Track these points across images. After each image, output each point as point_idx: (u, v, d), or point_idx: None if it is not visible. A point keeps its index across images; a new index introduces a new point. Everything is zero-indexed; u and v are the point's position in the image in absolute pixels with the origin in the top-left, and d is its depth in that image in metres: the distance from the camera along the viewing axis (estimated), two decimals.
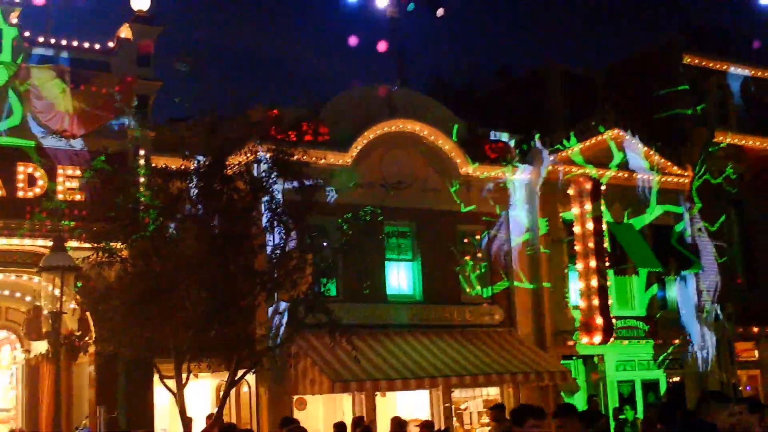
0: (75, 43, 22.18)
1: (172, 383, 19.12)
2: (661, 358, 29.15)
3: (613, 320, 27.42)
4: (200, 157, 19.98)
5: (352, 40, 28.66)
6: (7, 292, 22.08)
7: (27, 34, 21.65)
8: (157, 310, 18.44)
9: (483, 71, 63.13)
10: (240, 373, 19.71)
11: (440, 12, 28.78)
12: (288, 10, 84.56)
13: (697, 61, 32.43)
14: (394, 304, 25.60)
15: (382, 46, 28.05)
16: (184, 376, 19.12)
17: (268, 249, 20.13)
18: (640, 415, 26.26)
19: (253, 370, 20.60)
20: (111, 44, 22.71)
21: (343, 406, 24.48)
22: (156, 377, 19.90)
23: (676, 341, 29.35)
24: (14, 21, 21.36)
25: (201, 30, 76.80)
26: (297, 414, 22.40)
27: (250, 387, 23.29)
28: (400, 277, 26.25)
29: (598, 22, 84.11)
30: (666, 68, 32.35)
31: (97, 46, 22.50)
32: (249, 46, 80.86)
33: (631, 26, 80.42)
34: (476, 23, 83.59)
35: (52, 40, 21.97)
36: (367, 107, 26.04)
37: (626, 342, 28.44)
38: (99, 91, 21.83)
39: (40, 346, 21.80)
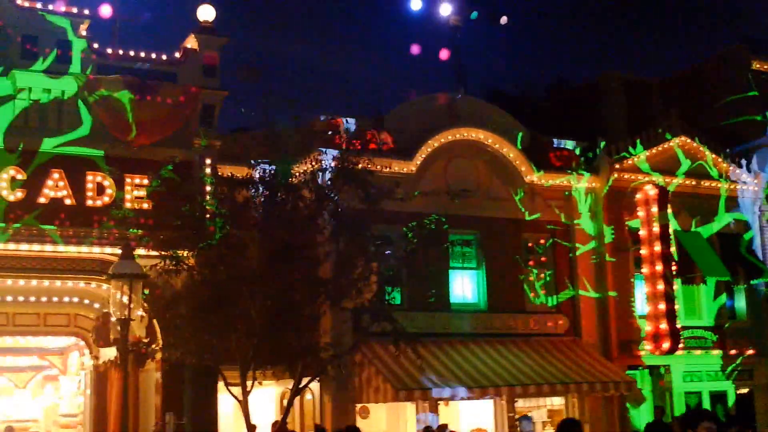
0: (142, 54, 22.54)
1: (237, 390, 19.27)
2: (729, 369, 28.59)
3: (680, 330, 26.97)
4: (265, 166, 20.15)
5: (415, 49, 28.63)
6: (76, 299, 22.46)
7: (96, 45, 22.04)
8: (222, 318, 18.61)
9: (539, 82, 62.77)
10: (304, 381, 19.79)
11: (504, 20, 28.72)
12: (345, 22, 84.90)
13: (766, 66, 31.85)
14: (458, 313, 25.47)
15: (444, 54, 27.95)
16: (249, 383, 19.26)
17: (333, 257, 20.13)
18: None
19: (317, 378, 20.67)
20: (177, 55, 23.01)
21: (407, 415, 24.43)
22: (221, 384, 20.06)
23: (746, 352, 28.77)
24: (83, 33, 21.75)
25: (264, 41, 77.42)
26: (360, 422, 22.41)
27: (314, 395, 23.34)
28: (465, 286, 26.11)
29: (654, 34, 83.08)
30: (732, 75, 31.81)
31: (163, 57, 22.84)
32: (309, 57, 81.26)
33: (688, 37, 79.31)
34: (531, 34, 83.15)
35: (120, 52, 22.34)
36: (430, 116, 25.97)
37: (693, 352, 27.96)
38: (165, 101, 22.10)
39: (109, 353, 22.10)
